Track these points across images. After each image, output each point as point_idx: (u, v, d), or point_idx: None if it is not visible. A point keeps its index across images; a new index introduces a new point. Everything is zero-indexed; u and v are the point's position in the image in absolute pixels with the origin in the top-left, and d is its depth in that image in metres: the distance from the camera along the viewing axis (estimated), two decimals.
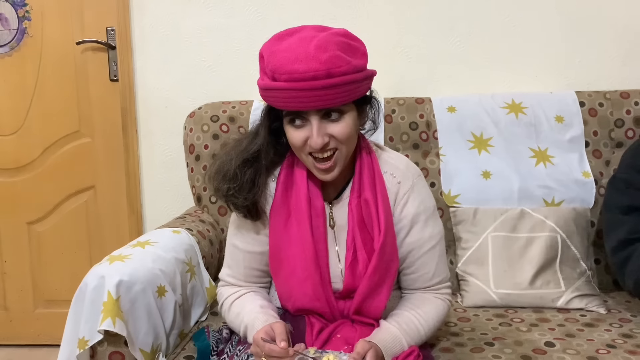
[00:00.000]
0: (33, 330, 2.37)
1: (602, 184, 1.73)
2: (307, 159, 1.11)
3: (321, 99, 1.02)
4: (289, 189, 1.19)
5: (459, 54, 2.01)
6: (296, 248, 1.16)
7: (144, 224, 2.23)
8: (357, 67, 1.04)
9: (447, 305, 1.24)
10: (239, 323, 1.20)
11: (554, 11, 1.96)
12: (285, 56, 1.01)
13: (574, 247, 1.63)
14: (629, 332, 1.41)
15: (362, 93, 1.10)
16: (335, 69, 1.00)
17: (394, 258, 1.18)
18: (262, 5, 2.05)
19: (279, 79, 1.02)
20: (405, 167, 1.23)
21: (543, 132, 1.79)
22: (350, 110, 1.09)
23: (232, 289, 1.26)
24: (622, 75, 1.96)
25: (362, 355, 1.04)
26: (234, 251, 1.26)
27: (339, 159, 1.10)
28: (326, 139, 1.07)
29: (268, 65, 1.04)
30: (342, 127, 1.07)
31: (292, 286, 1.19)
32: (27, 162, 2.27)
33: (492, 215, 1.69)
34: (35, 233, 2.32)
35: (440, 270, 1.23)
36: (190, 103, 2.07)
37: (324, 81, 1.00)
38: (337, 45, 1.02)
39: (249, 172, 1.16)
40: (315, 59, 0.99)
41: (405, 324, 1.16)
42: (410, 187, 1.20)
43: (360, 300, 1.17)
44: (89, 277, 1.23)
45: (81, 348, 1.19)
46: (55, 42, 2.19)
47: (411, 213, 1.20)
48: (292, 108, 1.05)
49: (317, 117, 1.06)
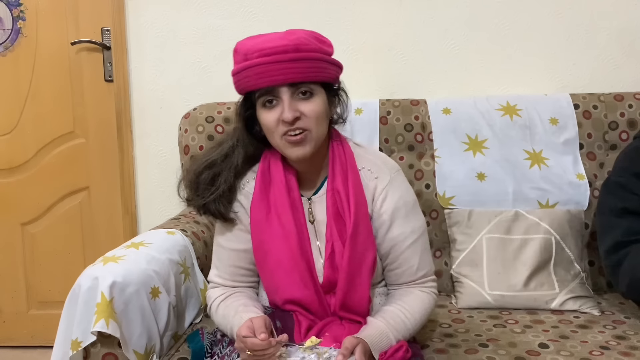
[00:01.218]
0: (26, 331, 2.36)
1: (597, 186, 1.73)
2: (280, 142, 1.15)
3: (290, 72, 1.09)
4: (267, 184, 1.23)
5: (454, 56, 2.01)
6: (279, 241, 1.19)
7: (138, 225, 2.23)
8: (324, 50, 1.14)
9: (432, 298, 1.25)
10: (225, 324, 1.20)
11: (548, 14, 1.97)
12: (257, 41, 1.12)
13: (568, 249, 1.64)
14: (622, 333, 1.41)
15: (330, 77, 1.17)
16: (302, 45, 1.10)
17: (369, 247, 1.19)
18: (257, 7, 2.05)
19: (251, 57, 1.10)
20: (382, 162, 1.25)
21: (537, 134, 1.79)
22: (319, 92, 1.15)
23: (219, 291, 1.26)
24: (617, 78, 1.97)
25: (351, 350, 1.05)
26: (219, 250, 1.28)
27: (309, 138, 1.14)
28: (297, 113, 1.12)
29: (241, 51, 1.13)
30: (312, 105, 1.13)
31: (279, 277, 1.20)
32: (21, 162, 2.26)
33: (486, 217, 1.69)
34: (29, 234, 2.31)
35: (424, 264, 1.24)
36: (185, 104, 2.07)
37: (293, 54, 1.09)
38: (305, 34, 1.13)
39: (206, 173, 1.21)
40: (285, 38, 1.10)
41: (392, 318, 1.17)
42: (388, 182, 1.22)
43: (342, 293, 1.18)
44: (83, 278, 1.22)
45: (74, 349, 1.19)
46: (50, 42, 2.18)
47: (390, 208, 1.21)
48: (264, 84, 1.11)
49: (288, 94, 1.11)
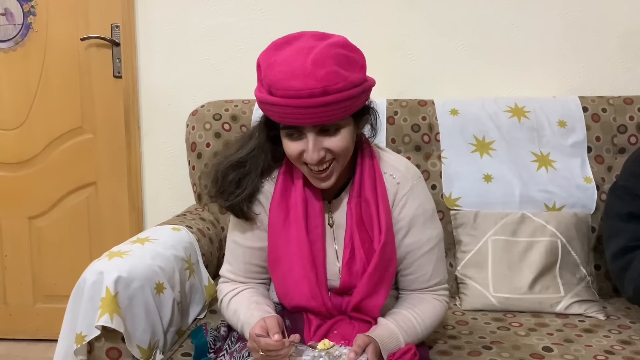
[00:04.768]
0: (32, 324, 2.38)
1: (604, 189, 1.72)
2: (303, 168, 1.13)
3: (317, 116, 1.01)
4: (288, 189, 1.20)
5: (462, 57, 2.01)
6: (293, 247, 1.18)
7: (144, 220, 2.24)
8: (354, 82, 1.03)
9: (444, 306, 1.25)
10: (236, 320, 1.21)
11: (558, 16, 1.96)
12: (282, 70, 1.01)
13: (574, 253, 1.63)
14: (627, 338, 1.40)
15: (359, 106, 1.09)
16: (331, 86, 0.99)
17: (393, 257, 1.19)
18: (266, 5, 2.06)
19: (276, 94, 1.02)
20: (405, 169, 1.23)
21: (545, 136, 1.78)
22: (347, 124, 1.09)
23: (231, 286, 1.27)
24: (626, 81, 1.96)
25: (363, 348, 1.05)
26: (234, 247, 1.27)
27: (335, 169, 1.11)
28: (322, 153, 1.07)
29: (265, 78, 1.04)
30: (338, 141, 1.07)
31: (288, 284, 1.20)
32: (30, 157, 2.28)
33: (492, 219, 1.68)
34: (36, 228, 2.33)
35: (438, 272, 1.24)
36: (193, 101, 2.07)
37: (320, 99, 0.99)
38: (335, 59, 1.01)
39: (233, 174, 1.17)
40: (312, 76, 0.98)
41: (403, 321, 1.17)
42: (409, 189, 1.21)
43: (359, 299, 1.17)
44: (88, 272, 1.23)
45: (78, 343, 1.20)
46: (59, 38, 2.19)
47: (409, 215, 1.20)
48: (288, 123, 1.05)
49: (314, 132, 1.06)
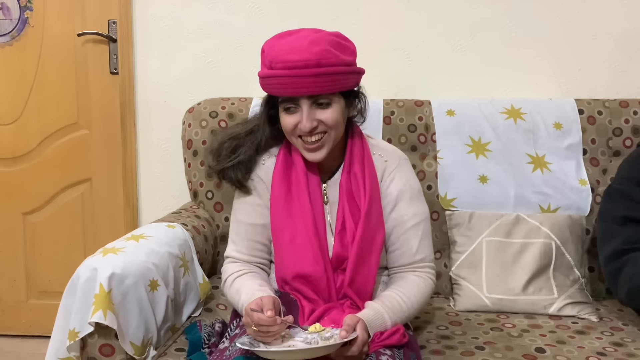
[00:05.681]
0: (25, 320, 2.37)
1: (599, 192, 1.73)
2: (297, 141, 1.25)
3: (311, 86, 1.16)
4: (289, 166, 1.31)
5: (459, 58, 2.01)
6: (296, 218, 1.26)
7: (139, 217, 2.23)
8: (346, 61, 1.19)
9: (429, 284, 1.31)
10: (237, 299, 1.26)
11: (555, 18, 1.96)
12: (282, 49, 1.17)
13: (568, 255, 1.63)
14: (620, 340, 1.41)
15: (350, 86, 1.23)
16: (324, 60, 1.15)
17: (380, 227, 1.28)
18: (263, 2, 2.05)
19: (276, 67, 1.16)
20: (392, 150, 1.37)
21: (541, 138, 1.79)
22: (338, 100, 1.22)
23: (236, 267, 1.32)
24: (622, 84, 1.96)
25: (353, 327, 1.10)
26: (237, 226, 1.35)
27: (326, 141, 1.23)
28: (314, 123, 1.20)
29: (267, 57, 1.19)
30: (329, 113, 1.21)
31: (292, 251, 1.26)
32: (24, 152, 2.27)
33: (487, 220, 1.69)
34: (30, 224, 2.32)
35: (423, 248, 1.31)
36: (189, 98, 2.07)
37: (314, 69, 1.14)
38: (329, 42, 1.17)
39: (229, 142, 1.33)
40: (308, 51, 1.14)
41: (388, 300, 1.23)
42: (397, 165, 1.33)
43: (352, 270, 1.23)
44: (82, 269, 1.23)
45: (71, 339, 1.20)
46: (56, 33, 2.18)
47: (397, 189, 1.31)
48: (285, 93, 1.19)
49: (308, 104, 1.19)
